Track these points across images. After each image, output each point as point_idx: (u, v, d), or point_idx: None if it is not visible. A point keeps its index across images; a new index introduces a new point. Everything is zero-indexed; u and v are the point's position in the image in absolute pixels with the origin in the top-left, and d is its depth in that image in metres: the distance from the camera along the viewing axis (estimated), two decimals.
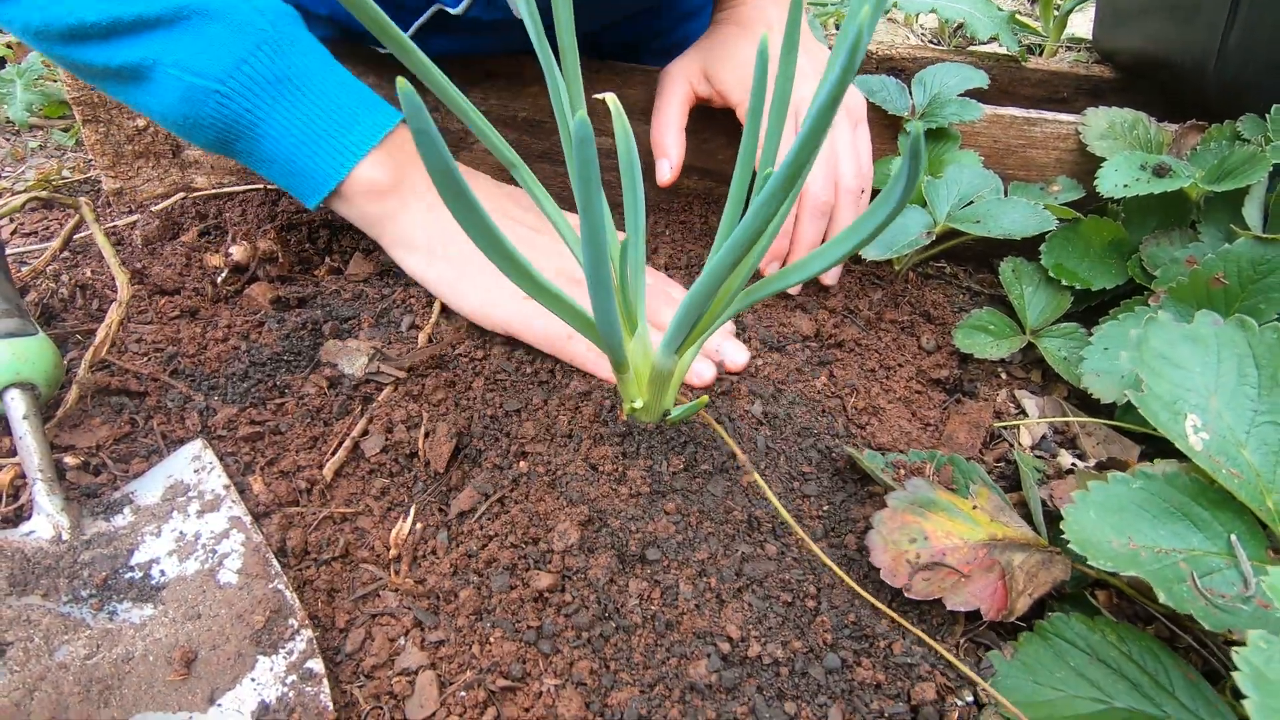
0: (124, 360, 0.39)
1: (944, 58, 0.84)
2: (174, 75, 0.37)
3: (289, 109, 0.39)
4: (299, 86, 0.39)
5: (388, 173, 0.42)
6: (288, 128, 0.39)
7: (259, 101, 0.38)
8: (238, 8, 0.38)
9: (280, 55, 0.38)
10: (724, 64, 0.49)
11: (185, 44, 0.37)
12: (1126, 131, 0.52)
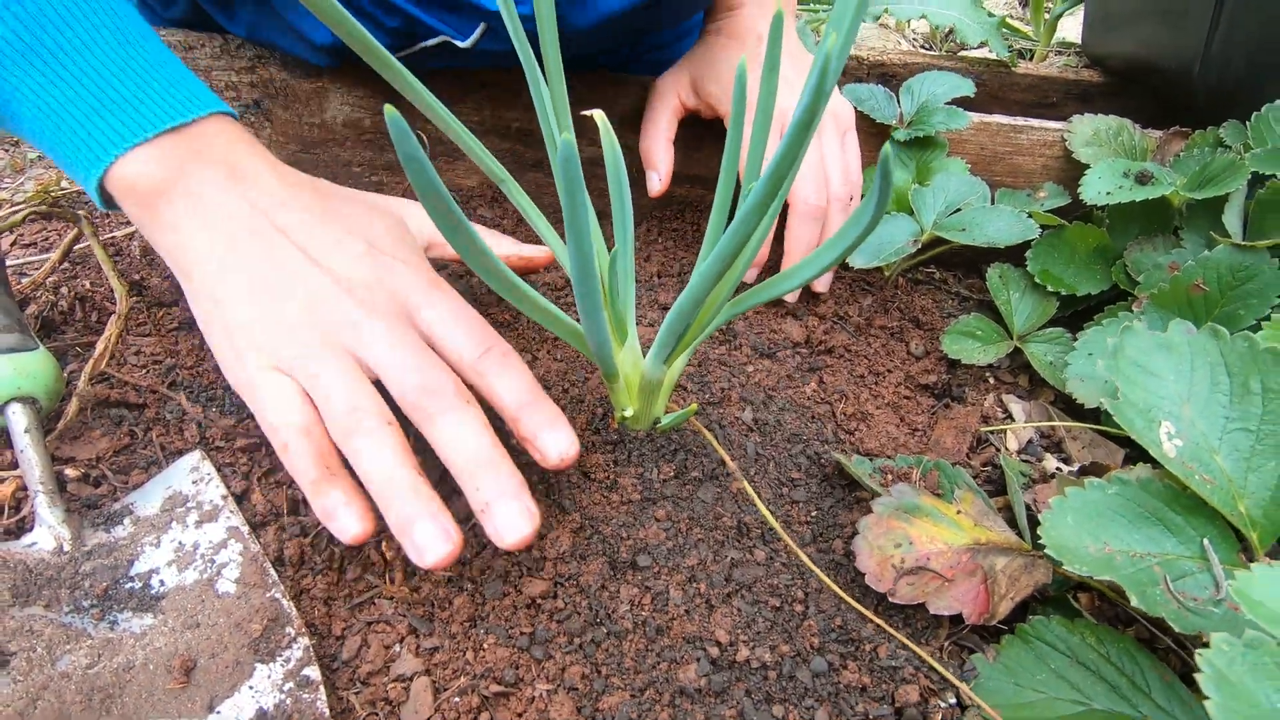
0: (123, 372, 0.40)
1: (935, 63, 0.85)
2: None
3: (43, 86, 0.33)
4: (68, 57, 0.33)
5: (156, 172, 0.34)
6: (42, 108, 0.33)
7: (4, 74, 0.32)
8: None
9: (39, 21, 0.32)
10: (712, 75, 0.50)
11: None
12: (1111, 138, 0.53)
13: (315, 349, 0.31)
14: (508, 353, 0.33)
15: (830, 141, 0.50)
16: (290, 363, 0.31)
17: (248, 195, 0.34)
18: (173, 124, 0.34)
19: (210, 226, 0.34)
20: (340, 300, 0.33)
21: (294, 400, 0.31)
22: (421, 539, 0.28)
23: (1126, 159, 0.52)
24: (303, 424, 0.30)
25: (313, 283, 0.33)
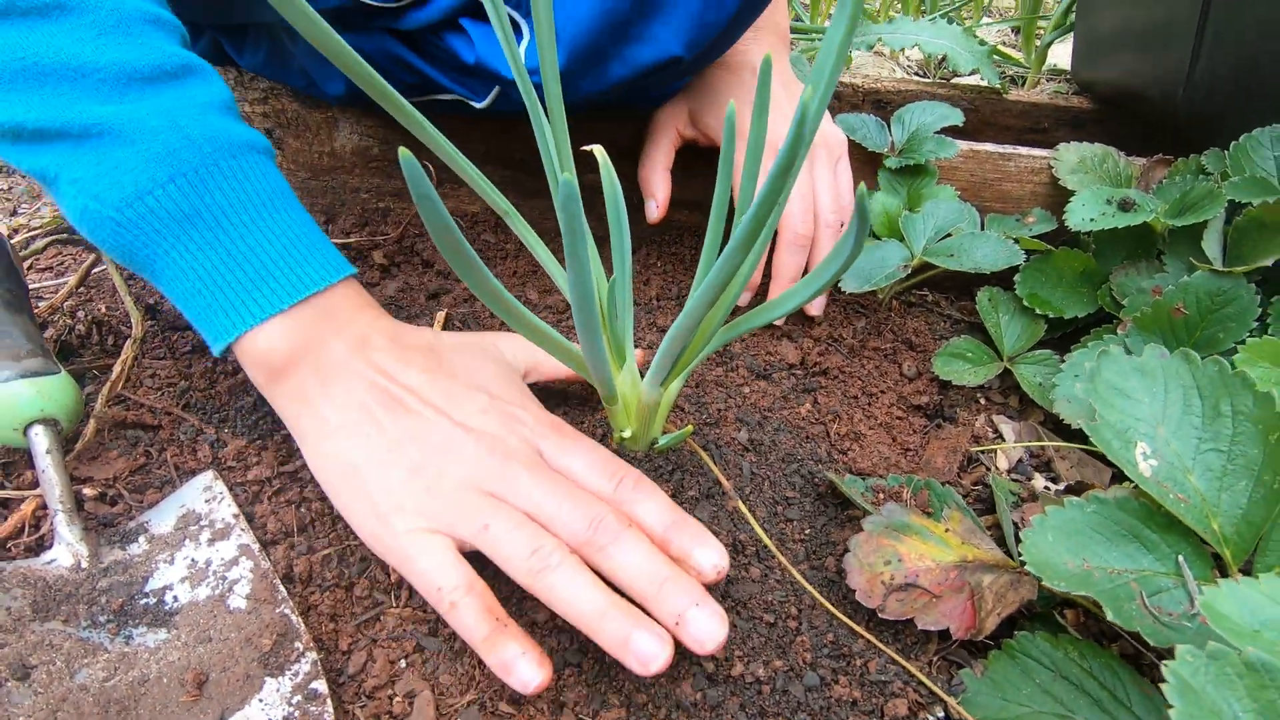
0: (139, 395, 0.41)
1: (928, 90, 0.87)
2: (70, 189, 0.33)
3: (187, 253, 0.34)
4: (212, 227, 0.34)
5: (288, 345, 0.35)
6: (183, 273, 0.34)
7: (157, 238, 0.34)
8: (160, 134, 0.34)
9: (197, 189, 0.34)
10: (710, 108, 0.52)
11: (87, 164, 0.33)
12: (1097, 165, 0.55)
13: (474, 505, 0.32)
14: (639, 478, 0.34)
15: (822, 170, 0.51)
16: (449, 522, 0.32)
17: (373, 360, 0.35)
18: (307, 294, 0.35)
19: (340, 396, 0.35)
20: (483, 455, 0.33)
21: (453, 560, 0.31)
22: (643, 650, 0.28)
23: (1111, 186, 0.53)
24: (467, 582, 0.31)
25: (453, 442, 0.34)
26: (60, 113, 0.33)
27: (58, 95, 0.33)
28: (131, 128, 0.33)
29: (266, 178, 0.36)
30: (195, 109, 0.35)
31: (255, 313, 0.35)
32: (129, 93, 0.34)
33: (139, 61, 0.34)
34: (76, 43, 0.33)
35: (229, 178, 0.35)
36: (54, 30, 0.33)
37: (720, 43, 0.45)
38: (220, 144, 0.35)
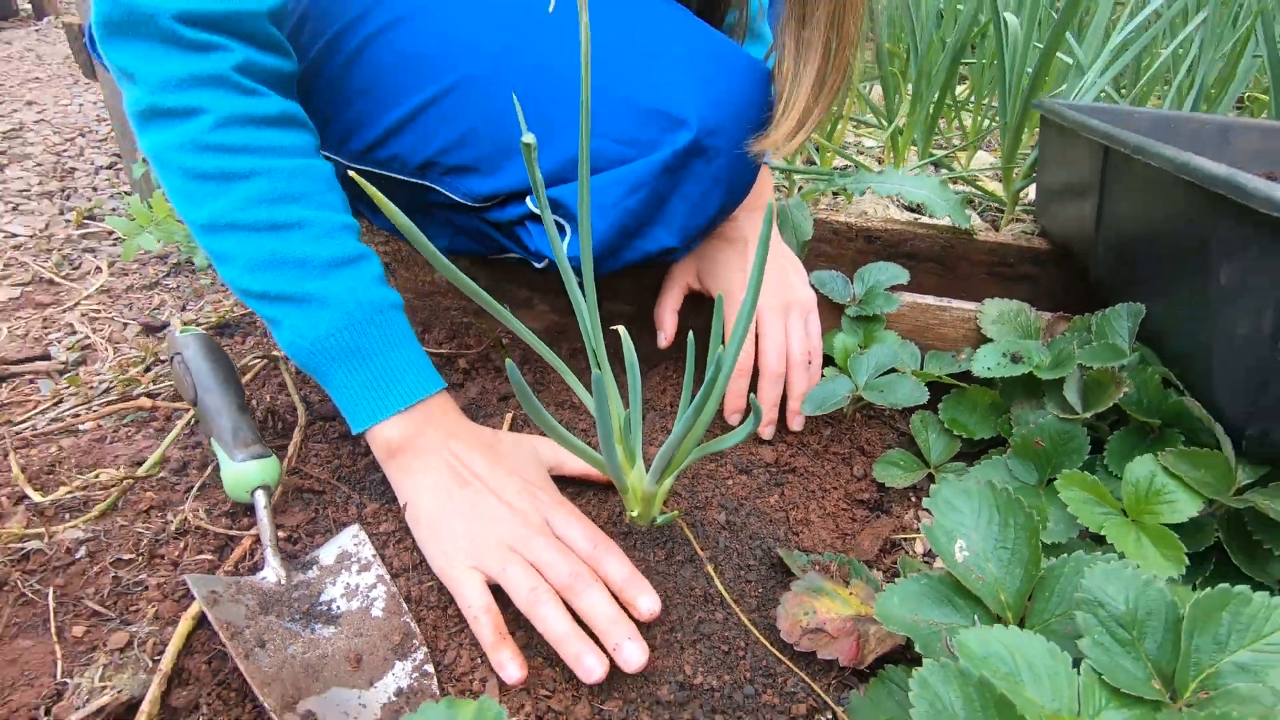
0: (308, 468, 0.60)
1: (909, 230, 1.05)
2: (288, 330, 0.53)
3: (349, 372, 0.54)
4: (362, 357, 0.54)
5: (401, 434, 0.54)
6: (345, 383, 0.54)
7: (331, 362, 0.54)
8: (342, 298, 0.53)
9: (359, 334, 0.54)
10: (711, 271, 0.70)
11: (299, 316, 0.53)
12: (1012, 318, 0.71)
13: (501, 555, 0.50)
14: (610, 545, 0.52)
15: (795, 322, 0.69)
16: (484, 564, 0.50)
17: (452, 448, 0.55)
18: (414, 402, 0.54)
19: (432, 472, 0.53)
20: (513, 523, 0.51)
21: (482, 589, 0.49)
22: (587, 666, 0.45)
23: (1021, 337, 0.69)
24: (487, 605, 0.49)
25: (495, 511, 0.52)
26: (290, 286, 0.53)
27: (290, 275, 0.53)
28: (328, 296, 0.54)
29: (397, 325, 0.56)
30: (363, 283, 0.56)
31: (383, 412, 0.54)
32: (329, 274, 0.54)
33: (336, 255, 0.55)
34: (303, 245, 0.54)
35: (377, 326, 0.55)
36: (292, 238, 0.54)
37: (705, 232, 0.64)
38: (375, 305, 0.55)
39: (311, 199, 0.54)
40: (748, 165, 0.60)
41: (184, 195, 0.53)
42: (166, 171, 0.54)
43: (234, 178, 0.52)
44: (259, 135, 0.53)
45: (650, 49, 0.57)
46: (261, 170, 0.53)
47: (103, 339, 0.93)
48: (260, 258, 0.53)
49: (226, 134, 0.52)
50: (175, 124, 0.52)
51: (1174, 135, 0.98)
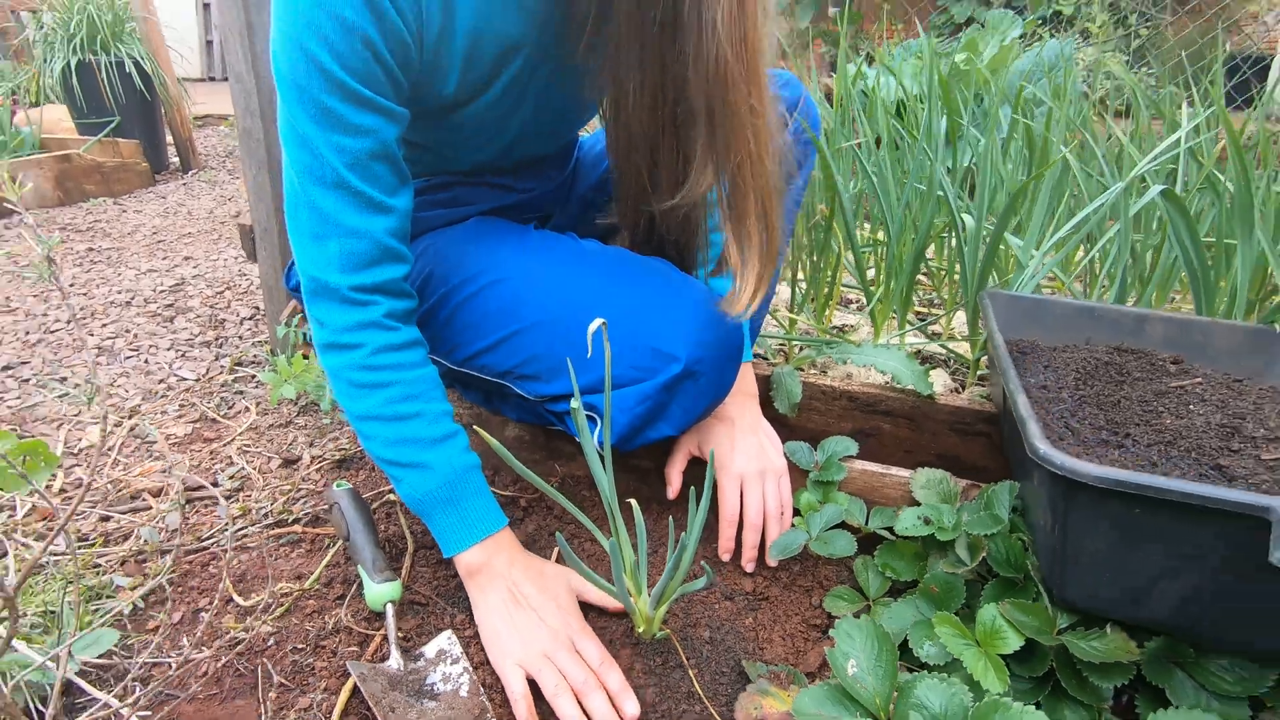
0: (416, 586, 0.86)
1: (884, 393, 1.28)
2: (406, 486, 0.79)
3: (445, 515, 0.79)
4: (454, 504, 0.79)
5: (478, 559, 0.79)
6: (442, 523, 0.79)
7: (434, 508, 0.79)
8: (443, 466, 0.78)
9: (453, 489, 0.79)
10: (707, 441, 0.96)
11: (416, 477, 0.78)
12: (936, 485, 0.94)
13: (539, 660, 0.74)
14: (612, 664, 0.75)
15: (770, 485, 0.93)
16: (528, 665, 0.74)
17: (511, 575, 0.81)
18: (486, 536, 0.79)
19: (496, 593, 0.77)
20: (549, 640, 0.74)
21: (523, 682, 0.73)
22: None
23: (941, 500, 0.92)
24: (525, 693, 0.73)
25: (538, 628, 0.75)
26: (412, 457, 0.80)
27: (411, 450, 0.81)
28: (434, 464, 0.80)
29: (476, 482, 0.82)
30: (457, 452, 0.82)
31: (465, 543, 0.80)
32: (435, 448, 0.82)
33: (440, 434, 0.82)
34: (420, 429, 0.81)
35: (464, 484, 0.81)
36: (412, 425, 0.81)
37: (699, 421, 0.90)
38: (464, 468, 0.82)
39: (425, 396, 0.82)
40: (725, 378, 0.87)
41: (347, 395, 0.82)
42: (337, 380, 0.82)
43: (379, 386, 0.80)
44: (395, 358, 0.82)
45: (655, 306, 0.85)
46: (396, 381, 0.81)
47: (255, 470, 1.24)
48: (393, 438, 0.81)
49: (376, 359, 0.81)
50: (346, 353, 0.81)
51: (1097, 323, 1.21)
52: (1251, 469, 0.82)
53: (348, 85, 0.69)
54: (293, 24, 0.67)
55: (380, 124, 0.73)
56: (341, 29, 0.67)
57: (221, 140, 4.26)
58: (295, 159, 0.73)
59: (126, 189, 3.07)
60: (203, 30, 8.64)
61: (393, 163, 0.76)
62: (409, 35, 0.72)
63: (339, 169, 0.72)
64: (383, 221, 0.76)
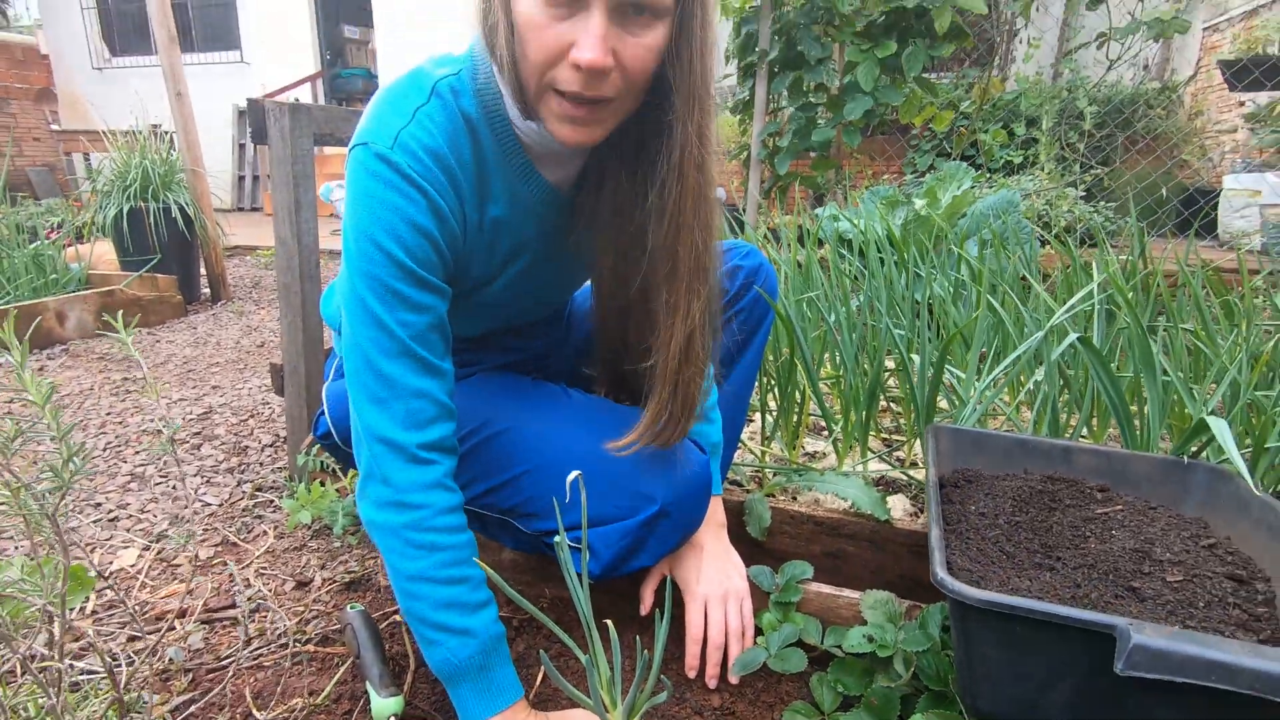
0: (417, 700, 0.96)
1: (847, 518, 1.41)
2: (443, 650, 0.82)
3: (474, 681, 0.82)
4: (486, 671, 0.82)
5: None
6: (469, 690, 0.83)
7: (466, 675, 0.82)
8: (483, 633, 0.83)
9: (487, 656, 0.83)
10: (677, 565, 1.08)
11: (454, 642, 0.82)
12: (882, 605, 1.05)
13: None
14: None
15: (733, 606, 1.05)
16: None
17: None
18: (506, 706, 0.83)
19: None
20: None
21: None
22: None
23: (887, 620, 1.03)
24: None
25: None
26: (455, 622, 0.87)
27: (456, 615, 0.88)
28: (476, 630, 0.87)
29: (504, 651, 0.90)
30: (492, 619, 0.92)
31: (490, 710, 0.87)
32: (477, 614, 0.90)
33: (481, 599, 0.91)
34: (467, 593, 0.89)
35: (496, 653, 0.89)
36: (461, 590, 0.90)
37: (671, 552, 1.03)
38: (497, 637, 0.90)
39: (470, 562, 0.89)
40: (695, 516, 1.01)
41: (402, 555, 0.81)
42: (394, 538, 0.82)
43: (437, 549, 0.82)
44: (453, 520, 0.88)
45: (635, 455, 1.00)
46: (451, 545, 0.83)
47: (270, 591, 1.35)
48: (443, 601, 0.82)
49: (439, 520, 0.86)
50: (410, 512, 0.81)
51: (1031, 454, 1.36)
52: (1158, 590, 0.95)
53: (416, 272, 0.81)
54: (370, 222, 0.79)
55: (437, 301, 0.84)
56: (412, 229, 0.80)
57: (249, 270, 4.59)
58: (362, 333, 0.81)
59: (160, 320, 3.33)
60: (236, 167, 9.39)
61: (444, 332, 0.86)
62: (458, 230, 0.90)
63: (405, 340, 0.82)
64: (439, 383, 0.85)
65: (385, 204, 0.79)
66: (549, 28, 0.72)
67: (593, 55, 0.71)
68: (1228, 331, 1.69)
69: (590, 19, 0.71)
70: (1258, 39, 4.13)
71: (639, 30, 0.73)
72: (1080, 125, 5.02)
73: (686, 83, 0.77)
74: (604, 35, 0.71)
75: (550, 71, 0.76)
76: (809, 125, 3.73)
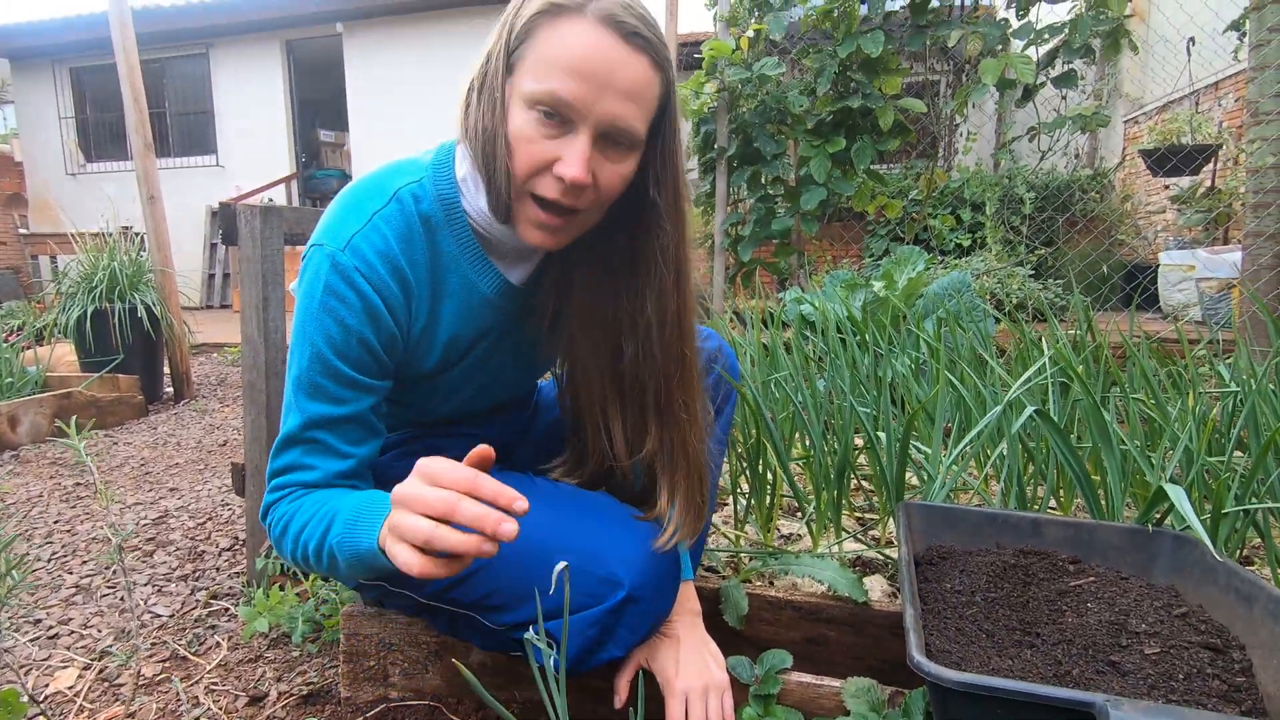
0: None
1: (825, 601, 1.38)
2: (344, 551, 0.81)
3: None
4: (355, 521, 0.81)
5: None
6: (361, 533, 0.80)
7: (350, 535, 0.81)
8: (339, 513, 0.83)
9: (352, 517, 0.82)
10: (656, 659, 1.04)
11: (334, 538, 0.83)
12: (864, 694, 1.02)
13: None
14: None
15: (713, 700, 1.00)
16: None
17: None
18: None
19: None
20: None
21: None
22: None
23: (870, 709, 1.00)
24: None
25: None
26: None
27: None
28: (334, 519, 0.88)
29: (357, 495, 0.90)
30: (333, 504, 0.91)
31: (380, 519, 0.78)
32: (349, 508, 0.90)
33: (328, 514, 0.91)
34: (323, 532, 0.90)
35: (358, 508, 0.88)
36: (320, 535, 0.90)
37: (644, 640, 1.00)
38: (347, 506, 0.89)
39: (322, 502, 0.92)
40: (664, 600, 0.99)
41: (300, 551, 0.89)
42: (294, 549, 0.90)
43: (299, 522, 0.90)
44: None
45: (601, 540, 0.99)
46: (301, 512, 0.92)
47: (220, 709, 1.26)
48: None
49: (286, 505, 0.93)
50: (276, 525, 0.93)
51: (1001, 528, 1.37)
52: (1138, 664, 0.94)
53: (340, 371, 0.89)
54: (305, 319, 0.90)
55: (358, 396, 0.93)
56: (342, 330, 0.88)
57: (215, 368, 4.54)
58: (290, 403, 0.92)
59: (119, 421, 3.24)
60: (207, 265, 9.44)
61: (362, 424, 0.94)
62: (399, 332, 0.93)
63: (314, 432, 0.91)
64: (337, 465, 0.92)
65: (324, 307, 0.88)
66: (539, 142, 0.81)
67: (575, 172, 0.79)
68: (1175, 401, 1.76)
69: (577, 141, 0.80)
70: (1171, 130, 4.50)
71: (616, 158, 0.83)
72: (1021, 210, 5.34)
73: (669, 197, 0.90)
74: (588, 157, 0.80)
75: (533, 179, 0.83)
76: (769, 215, 3.91)
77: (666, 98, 0.86)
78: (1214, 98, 5.13)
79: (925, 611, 1.05)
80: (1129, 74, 6.28)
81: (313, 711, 1.22)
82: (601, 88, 0.78)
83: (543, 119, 0.79)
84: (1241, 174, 4.25)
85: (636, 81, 0.79)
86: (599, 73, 0.77)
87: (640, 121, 0.82)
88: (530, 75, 0.80)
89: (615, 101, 0.79)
